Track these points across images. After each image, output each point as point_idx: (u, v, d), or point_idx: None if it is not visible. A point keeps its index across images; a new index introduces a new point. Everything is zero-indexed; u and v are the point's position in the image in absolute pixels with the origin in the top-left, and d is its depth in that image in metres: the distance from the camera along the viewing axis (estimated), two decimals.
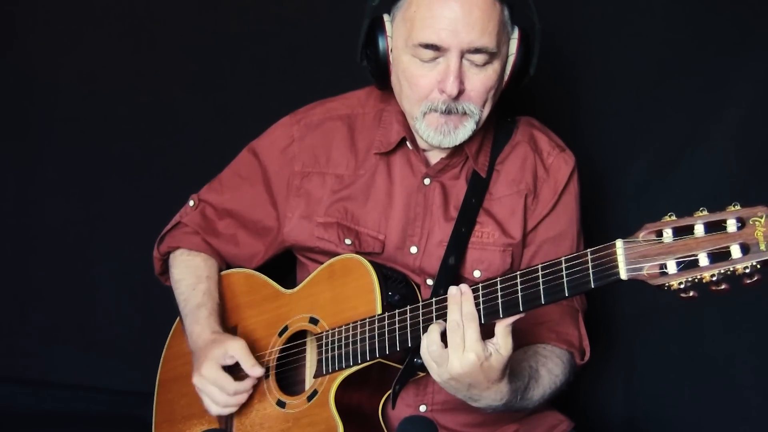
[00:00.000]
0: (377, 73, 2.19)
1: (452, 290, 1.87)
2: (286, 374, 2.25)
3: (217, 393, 2.16)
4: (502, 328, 1.83)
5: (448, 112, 2.09)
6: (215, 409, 2.19)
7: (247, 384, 2.17)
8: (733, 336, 2.63)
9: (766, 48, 2.61)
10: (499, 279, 1.84)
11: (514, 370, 1.95)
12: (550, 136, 2.33)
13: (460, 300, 1.84)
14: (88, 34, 3.18)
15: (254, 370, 2.15)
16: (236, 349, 2.16)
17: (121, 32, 3.18)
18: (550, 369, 2.12)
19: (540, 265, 1.78)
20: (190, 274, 2.41)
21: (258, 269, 2.43)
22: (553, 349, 2.17)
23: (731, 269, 1.53)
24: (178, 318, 2.45)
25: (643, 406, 2.75)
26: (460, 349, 1.83)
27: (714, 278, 1.54)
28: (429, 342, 1.87)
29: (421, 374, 2.11)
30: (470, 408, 2.20)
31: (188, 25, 3.16)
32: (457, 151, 2.22)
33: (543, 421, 2.30)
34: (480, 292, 1.85)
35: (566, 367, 2.17)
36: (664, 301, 2.52)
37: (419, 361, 2.06)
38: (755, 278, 1.52)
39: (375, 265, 2.12)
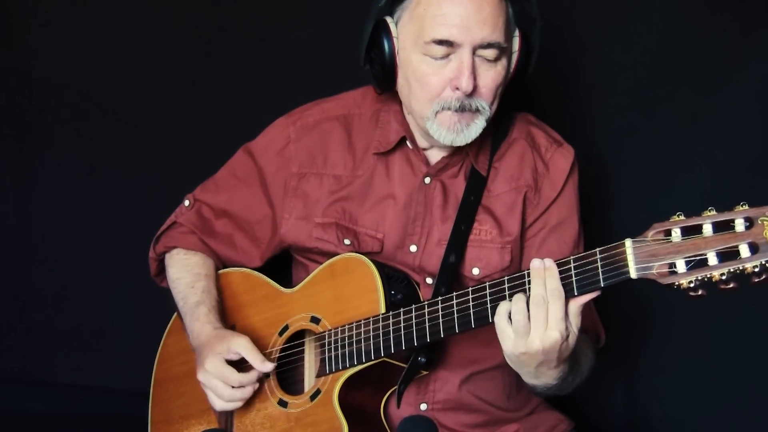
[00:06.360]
0: (383, 76, 2.16)
1: (535, 263, 1.80)
2: (285, 374, 2.25)
3: (221, 386, 2.13)
4: (576, 306, 1.80)
5: (461, 109, 2.07)
6: (220, 404, 2.16)
7: (251, 376, 2.13)
8: (733, 336, 2.65)
9: (766, 48, 2.62)
10: (507, 278, 1.84)
11: None
12: (547, 131, 2.32)
13: (544, 275, 1.79)
14: (88, 35, 3.18)
15: (264, 365, 2.12)
16: (241, 346, 2.13)
17: (121, 33, 3.17)
18: (585, 352, 2.13)
19: None
20: (187, 273, 2.38)
21: (256, 268, 2.42)
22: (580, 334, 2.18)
23: (740, 268, 1.55)
24: (173, 317, 2.45)
25: (643, 406, 2.76)
26: (543, 326, 1.78)
27: (723, 277, 1.57)
28: (516, 310, 1.80)
29: (424, 373, 2.12)
30: (470, 408, 2.22)
31: (188, 25, 3.16)
32: (458, 149, 2.20)
33: (543, 421, 2.30)
34: (487, 291, 1.86)
35: (592, 350, 2.19)
36: (665, 301, 2.56)
37: (423, 359, 2.08)
38: (763, 277, 1.55)
39: (377, 264, 2.12)
